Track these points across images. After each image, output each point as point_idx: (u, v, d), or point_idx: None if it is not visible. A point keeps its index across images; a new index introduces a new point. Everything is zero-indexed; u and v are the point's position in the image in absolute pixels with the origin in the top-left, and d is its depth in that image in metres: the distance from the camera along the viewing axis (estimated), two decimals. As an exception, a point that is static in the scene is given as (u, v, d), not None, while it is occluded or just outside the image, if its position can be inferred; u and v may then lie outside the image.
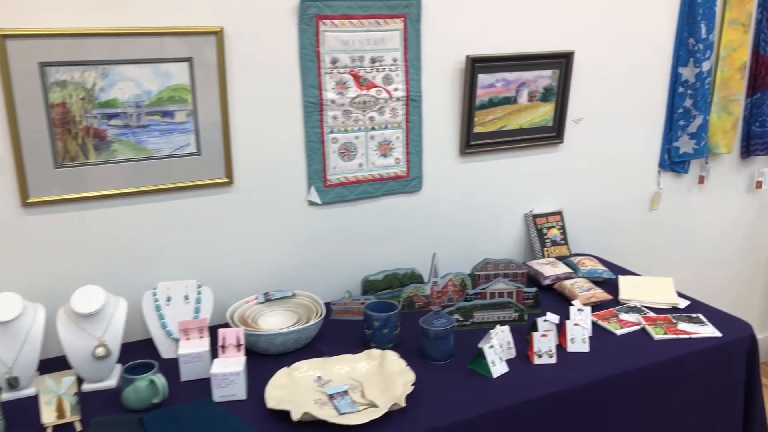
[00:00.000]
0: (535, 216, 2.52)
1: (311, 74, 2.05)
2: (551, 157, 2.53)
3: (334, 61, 2.06)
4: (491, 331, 1.85)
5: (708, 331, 1.95)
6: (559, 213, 2.55)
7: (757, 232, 3.16)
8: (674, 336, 1.93)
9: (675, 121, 2.72)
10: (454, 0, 2.19)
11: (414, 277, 2.26)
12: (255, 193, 2.07)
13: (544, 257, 2.49)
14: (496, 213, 2.49)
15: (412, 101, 2.21)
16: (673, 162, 2.79)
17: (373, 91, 2.14)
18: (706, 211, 2.97)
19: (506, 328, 1.86)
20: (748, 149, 2.94)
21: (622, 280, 2.30)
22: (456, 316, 2.02)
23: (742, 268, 3.19)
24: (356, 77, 2.11)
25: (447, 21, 2.20)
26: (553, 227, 2.52)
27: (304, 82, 2.04)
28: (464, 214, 2.43)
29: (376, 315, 1.88)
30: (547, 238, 2.51)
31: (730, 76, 2.75)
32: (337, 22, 2.03)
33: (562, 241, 2.52)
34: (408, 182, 2.28)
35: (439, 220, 2.38)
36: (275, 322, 1.98)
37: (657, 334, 1.94)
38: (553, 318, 1.90)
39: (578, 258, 2.44)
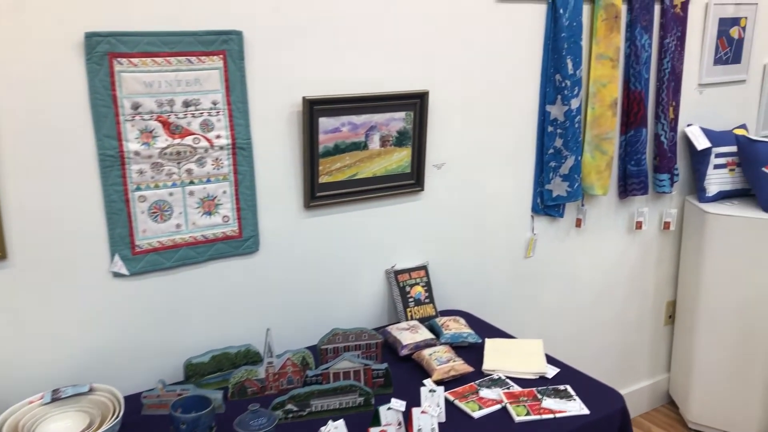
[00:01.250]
0: (397, 272, 2.25)
1: (107, 122, 1.70)
2: (412, 206, 2.27)
3: (135, 107, 1.73)
4: (322, 428, 1.54)
5: (575, 407, 1.72)
6: (423, 267, 2.29)
7: (641, 274, 3.02)
8: (537, 417, 1.68)
9: (546, 162, 2.54)
10: (286, 34, 1.91)
11: (250, 356, 1.92)
12: (39, 268, 1.70)
13: (407, 319, 2.22)
14: (352, 272, 2.20)
15: (240, 149, 1.90)
16: (546, 206, 2.60)
17: (188, 140, 1.82)
18: (586, 255, 2.80)
19: (340, 423, 1.56)
20: (626, 189, 2.80)
21: (489, 344, 2.05)
22: (290, 406, 1.70)
23: (628, 311, 3.04)
24: (166, 124, 1.78)
25: (279, 58, 1.91)
26: (417, 284, 2.26)
27: (98, 132, 1.70)
28: (314, 276, 2.13)
29: (183, 417, 1.53)
30: (411, 297, 2.24)
31: (602, 113, 2.60)
32: (136, 60, 1.70)
33: (427, 300, 2.26)
34: (241, 243, 1.96)
35: (283, 284, 2.07)
36: (61, 428, 1.60)
37: (519, 415, 1.68)
38: (398, 405, 1.61)
39: (444, 319, 2.18)
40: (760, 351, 2.80)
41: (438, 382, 1.85)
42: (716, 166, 2.89)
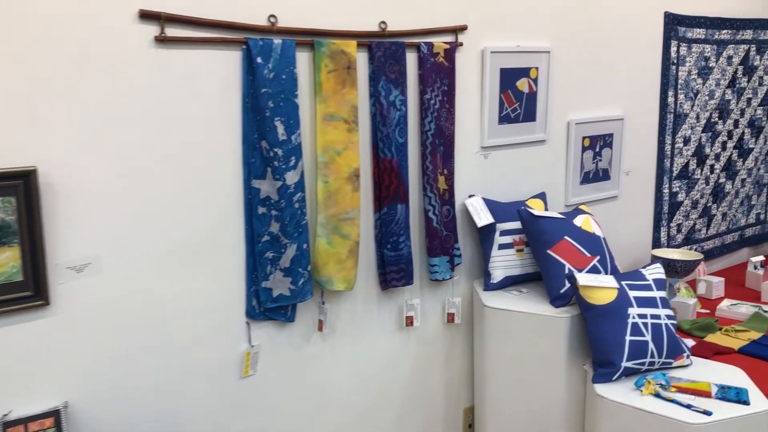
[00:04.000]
0: (8, 425, 1.59)
1: None
2: (33, 326, 1.62)
3: None
4: None
5: None
6: (53, 413, 1.63)
7: (424, 378, 2.44)
8: None
9: (260, 253, 1.95)
10: None
11: None
12: None
13: (13, 494, 1.55)
14: (-71, 428, 1.53)
15: None
16: (266, 309, 2.00)
17: None
18: (339, 364, 2.21)
19: None
20: (386, 279, 2.24)
21: None
22: None
23: (410, 425, 2.43)
24: None
25: None
26: (36, 440, 1.60)
27: None
28: None
29: None
30: (22, 461, 1.57)
31: (339, 188, 2.04)
32: None
33: (51, 462, 1.60)
34: None
35: None
36: None
37: None
38: None
39: (61, 494, 1.52)
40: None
41: None
42: (501, 246, 2.38)
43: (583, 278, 2.03)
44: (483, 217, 2.36)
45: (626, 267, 3.06)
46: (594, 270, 2.20)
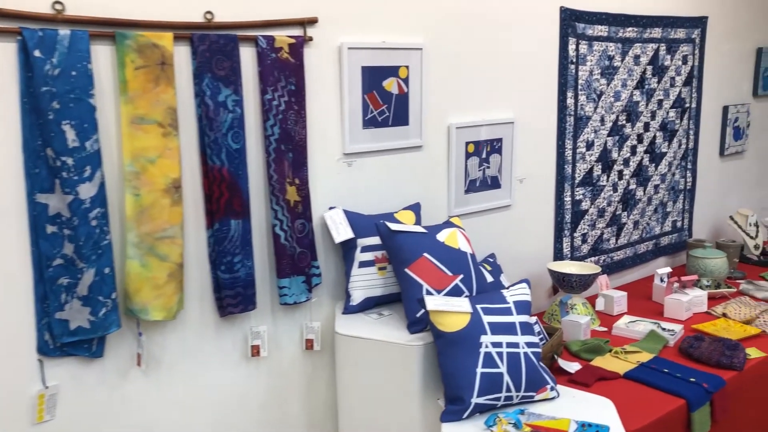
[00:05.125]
0: None
1: None
2: None
3: None
4: None
5: None
6: None
7: (280, 412, 2.17)
8: None
9: (51, 279, 1.67)
10: None
11: None
12: None
13: None
14: None
15: None
16: (64, 344, 1.72)
17: None
18: (169, 405, 1.92)
19: None
20: (222, 305, 1.97)
21: None
22: None
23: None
24: None
25: None
26: None
27: None
28: None
29: None
30: None
31: (154, 202, 1.77)
32: None
33: None
34: None
35: None
36: None
37: None
38: None
39: None
40: None
41: None
42: (362, 264, 2.13)
43: (432, 302, 1.79)
44: (342, 232, 2.11)
45: (525, 281, 2.84)
46: (456, 291, 1.96)
